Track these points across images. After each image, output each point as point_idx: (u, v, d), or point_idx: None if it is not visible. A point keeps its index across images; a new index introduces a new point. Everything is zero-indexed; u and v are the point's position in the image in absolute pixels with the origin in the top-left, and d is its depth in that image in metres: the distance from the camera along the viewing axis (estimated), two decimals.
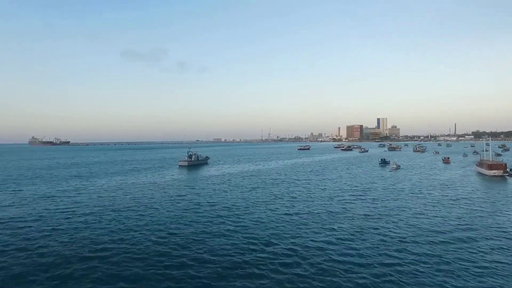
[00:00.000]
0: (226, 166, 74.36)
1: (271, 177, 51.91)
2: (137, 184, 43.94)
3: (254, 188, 39.83)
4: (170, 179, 50.17)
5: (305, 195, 34.45)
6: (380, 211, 26.50)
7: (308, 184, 42.57)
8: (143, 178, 51.09)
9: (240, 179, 48.94)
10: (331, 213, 25.71)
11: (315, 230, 20.95)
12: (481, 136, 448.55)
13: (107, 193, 36.93)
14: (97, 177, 53.06)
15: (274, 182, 45.41)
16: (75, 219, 24.45)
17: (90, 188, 40.68)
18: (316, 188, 38.98)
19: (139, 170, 66.26)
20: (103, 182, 46.49)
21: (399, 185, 41.25)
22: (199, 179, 49.94)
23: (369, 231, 20.80)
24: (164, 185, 42.88)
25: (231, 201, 31.31)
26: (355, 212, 26.07)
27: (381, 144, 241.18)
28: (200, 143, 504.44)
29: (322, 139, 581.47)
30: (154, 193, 36.21)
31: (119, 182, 46.27)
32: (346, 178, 48.91)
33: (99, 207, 28.94)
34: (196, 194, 35.68)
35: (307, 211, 26.56)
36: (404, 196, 33.61)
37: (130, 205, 29.67)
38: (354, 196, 33.65)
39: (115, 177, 53.50)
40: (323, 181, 46.01)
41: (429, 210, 26.80)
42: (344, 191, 36.81)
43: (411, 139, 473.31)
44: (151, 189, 39.67)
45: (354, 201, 30.61)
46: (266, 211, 26.73)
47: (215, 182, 45.45)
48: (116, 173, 60.19)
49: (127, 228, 21.87)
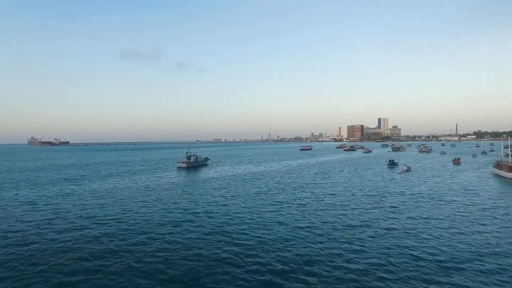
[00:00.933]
0: (226, 168, 70.77)
1: (274, 180, 48.30)
2: (130, 189, 40.36)
3: (257, 193, 36.21)
4: (166, 182, 46.57)
5: (315, 202, 30.80)
6: (403, 223, 22.87)
7: (316, 189, 38.93)
8: (137, 182, 47.50)
9: (241, 183, 45.33)
10: (349, 227, 22.04)
11: (334, 251, 17.34)
12: (483, 136, 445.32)
13: (93, 199, 33.34)
14: (88, 180, 49.48)
15: (279, 186, 41.79)
16: (46, 235, 20.84)
17: (76, 194, 37.10)
18: (325, 194, 35.34)
19: (134, 172, 62.68)
20: (92, 186, 42.91)
21: (415, 189, 37.62)
22: (197, 182, 46.35)
23: (398, 251, 17.19)
24: (159, 190, 39.30)
25: (232, 210, 27.69)
26: (375, 225, 22.42)
27: (383, 144, 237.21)
28: (200, 143, 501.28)
29: (323, 139, 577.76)
30: (147, 200, 32.61)
31: (110, 187, 42.69)
32: (356, 182, 45.27)
33: (81, 218, 25.34)
34: (193, 201, 32.05)
35: (320, 224, 22.94)
36: (426, 203, 29.96)
37: (117, 216, 26.06)
38: (369, 203, 30.00)
39: (107, 180, 49.92)
40: (331, 185, 42.36)
41: (461, 222, 23.15)
42: (357, 197, 33.18)
43: (412, 139, 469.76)
44: (144, 195, 36.08)
45: (371, 210, 26.95)
46: (272, 224, 23.11)
47: (214, 187, 41.85)
48: (109, 175, 56.61)
49: (107, 250, 18.25)
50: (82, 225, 23.05)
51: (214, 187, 41.24)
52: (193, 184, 44.74)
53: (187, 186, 42.83)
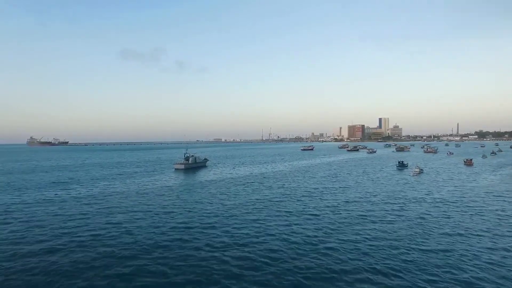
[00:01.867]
0: (226, 170, 66.92)
1: (278, 184, 44.47)
2: (119, 195, 36.53)
3: (260, 200, 32.38)
4: (161, 187, 42.75)
5: (327, 211, 26.97)
6: (439, 241, 19.05)
7: (327, 195, 35.09)
8: (129, 186, 43.67)
9: (242, 188, 41.50)
10: (377, 249, 18.20)
11: (360, 277, 13.54)
12: (485, 136, 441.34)
13: (77, 207, 29.53)
14: (76, 184, 45.65)
15: (284, 192, 37.96)
16: (18, 249, 17.03)
17: (58, 200, 33.28)
18: (338, 202, 31.47)
19: (128, 175, 58.84)
20: (79, 191, 39.10)
21: (436, 195, 33.81)
22: (194, 187, 42.52)
23: (444, 278, 13.41)
24: (152, 196, 35.49)
25: (232, 224, 23.83)
26: (406, 244, 18.59)
27: (386, 144, 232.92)
28: (200, 143, 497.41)
29: (324, 139, 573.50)
30: (136, 210, 28.78)
31: (99, 192, 38.88)
32: (368, 186, 41.43)
33: (59, 230, 21.56)
34: (189, 210, 28.22)
35: (338, 241, 19.12)
36: (454, 212, 26.15)
37: (96, 233, 22.25)
38: (391, 213, 26.15)
39: (97, 184, 46.08)
40: (342, 190, 38.50)
41: (503, 236, 19.36)
42: (374, 204, 29.36)
43: (413, 139, 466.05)
44: (135, 203, 32.25)
45: (397, 224, 23.10)
46: (282, 245, 19.28)
47: (213, 192, 38.04)
48: (100, 178, 52.75)
49: (77, 270, 14.46)
50: (53, 245, 19.20)
51: (213, 193, 37.43)
52: (190, 189, 40.91)
53: (183, 192, 39.00)
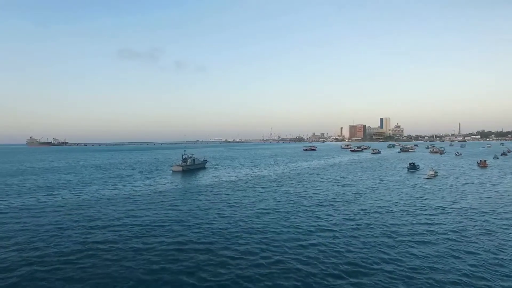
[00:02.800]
0: (226, 172, 63.17)
1: (282, 189, 40.71)
2: (106, 203, 32.82)
3: (264, 211, 28.59)
4: (154, 192, 39.05)
5: (345, 227, 23.07)
6: (490, 264, 15.31)
7: (338, 203, 31.25)
8: (120, 191, 39.99)
9: (243, 193, 37.76)
10: (413, 272, 14.46)
11: None
12: (488, 136, 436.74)
13: (54, 218, 25.80)
14: (63, 189, 41.96)
15: (289, 198, 34.21)
16: None
17: (39, 207, 29.62)
18: (353, 212, 27.67)
19: (122, 178, 55.13)
20: (64, 197, 35.43)
21: (464, 204, 30.00)
22: (191, 193, 38.78)
23: None
24: (143, 204, 31.78)
25: (231, 240, 20.11)
26: (454, 274, 14.85)
27: (390, 144, 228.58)
28: (200, 143, 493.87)
29: (325, 139, 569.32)
30: (122, 221, 25.05)
31: (85, 198, 35.19)
32: (383, 192, 37.63)
33: (24, 249, 17.85)
34: (182, 223, 24.46)
35: (367, 274, 15.38)
36: (495, 226, 22.37)
37: (69, 255, 18.56)
38: (419, 227, 22.31)
39: (86, 188, 42.39)
40: (355, 197, 34.66)
41: None
42: (396, 216, 25.54)
43: (415, 139, 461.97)
44: (122, 211, 28.54)
45: (431, 241, 19.29)
46: (293, 271, 15.54)
47: (211, 199, 34.30)
48: (91, 182, 49.03)
49: None
50: (17, 262, 15.49)
51: (211, 200, 33.68)
52: (186, 196, 37.17)
53: (178, 200, 35.27)
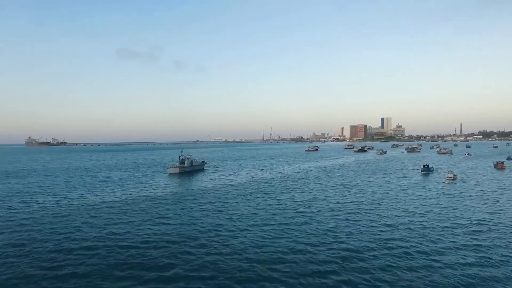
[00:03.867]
0: (226, 175, 59.03)
1: (287, 195, 36.58)
2: (89, 211, 28.72)
3: (270, 225, 24.46)
4: (145, 198, 34.94)
5: (368, 249, 18.90)
6: None
7: (355, 215, 27.03)
8: (107, 197, 35.88)
9: (244, 200, 33.64)
10: None
11: None
12: (490, 136, 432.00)
13: (23, 232, 21.71)
14: (45, 194, 37.86)
15: (297, 208, 30.08)
16: None
17: (9, 217, 25.52)
18: (373, 226, 23.52)
19: (113, 181, 51.00)
20: (43, 205, 31.37)
21: (505, 215, 25.86)
22: (185, 200, 34.67)
23: None
24: (130, 214, 27.71)
25: (230, 268, 15.98)
26: None
27: (393, 144, 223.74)
28: (200, 143, 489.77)
29: (325, 139, 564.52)
30: (100, 237, 20.95)
31: (65, 206, 31.08)
32: (403, 199, 33.43)
33: None
34: (168, 246, 20.30)
35: None
36: None
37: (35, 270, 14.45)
38: (466, 249, 18.23)
39: (71, 194, 38.29)
40: (373, 206, 30.38)
41: None
42: (432, 237, 21.24)
43: (417, 139, 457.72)
44: (102, 225, 24.44)
45: (498, 280, 15.17)
46: None
47: (208, 209, 30.17)
48: (78, 186, 44.89)
49: None
50: None
51: (207, 211, 29.56)
52: (180, 203, 33.05)
53: (170, 208, 31.16)
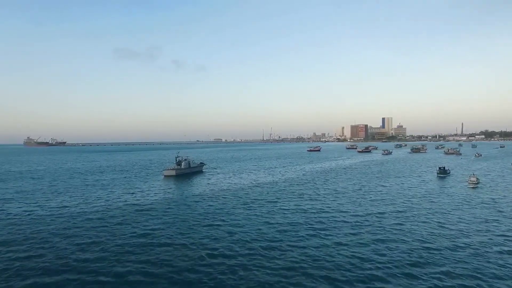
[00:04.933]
0: (226, 178, 54.84)
1: (294, 201, 32.43)
2: (66, 222, 24.56)
3: (275, 242, 20.30)
4: (134, 207, 30.76)
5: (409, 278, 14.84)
6: None
7: (376, 229, 22.87)
8: (91, 205, 31.70)
9: (246, 212, 29.42)
10: None
11: None
12: (492, 136, 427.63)
13: None
14: (20, 201, 33.62)
15: (307, 220, 25.90)
16: None
17: None
18: (402, 243, 19.33)
19: (103, 185, 46.80)
20: (13, 213, 27.19)
21: None
22: (179, 208, 30.49)
23: None
24: (112, 226, 23.54)
25: None
26: None
27: (397, 144, 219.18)
28: (200, 143, 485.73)
29: (326, 139, 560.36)
30: (76, 259, 16.78)
31: (39, 216, 26.88)
32: (428, 209, 29.24)
33: None
34: (152, 273, 16.15)
35: None
36: None
37: None
38: None
39: (51, 200, 34.14)
40: (396, 220, 26.14)
41: None
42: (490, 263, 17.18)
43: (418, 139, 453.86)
44: (80, 239, 20.26)
45: None
46: None
47: (203, 221, 25.99)
48: (61, 192, 40.60)
49: None
50: None
51: (203, 222, 25.39)
52: (171, 212, 28.88)
53: (160, 217, 27.01)
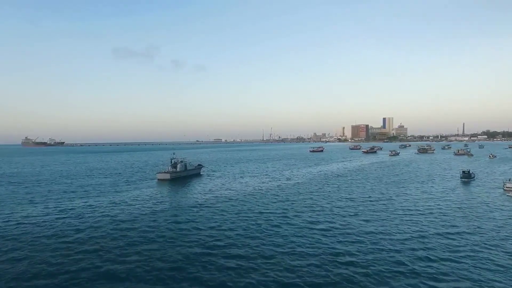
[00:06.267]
0: (225, 182, 49.73)
1: (308, 217, 27.34)
2: (34, 238, 19.46)
3: (287, 278, 15.25)
4: (114, 219, 25.63)
5: None
6: None
7: (420, 259, 17.84)
8: (69, 215, 26.59)
9: (248, 228, 24.35)
10: None
11: None
12: (495, 136, 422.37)
13: None
14: None
15: (329, 243, 20.84)
16: None
17: None
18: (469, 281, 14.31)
19: (87, 191, 41.67)
20: None
21: None
22: (169, 221, 25.36)
23: None
24: (85, 252, 18.47)
25: None
26: None
27: (402, 145, 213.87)
28: (200, 143, 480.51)
29: (326, 139, 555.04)
30: None
31: (3, 228, 21.85)
32: (469, 223, 24.23)
33: None
34: None
35: None
36: None
37: None
38: None
39: (22, 210, 29.03)
40: (437, 240, 21.22)
41: None
42: None
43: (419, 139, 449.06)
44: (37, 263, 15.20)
45: None
46: None
47: (195, 242, 20.86)
48: (40, 199, 35.47)
49: None
50: None
51: (195, 243, 20.25)
52: (159, 227, 23.77)
53: (145, 233, 21.91)
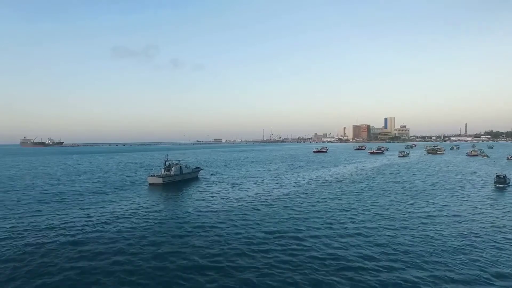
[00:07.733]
0: (225, 188, 43.94)
1: (325, 237, 21.63)
2: None
3: None
4: (87, 238, 19.93)
5: None
6: None
7: None
8: (38, 228, 20.89)
9: (252, 255, 18.64)
10: None
11: None
12: (498, 136, 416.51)
13: None
14: None
15: (360, 277, 15.09)
16: None
17: None
18: None
19: (67, 197, 35.93)
20: None
21: None
22: (155, 241, 19.59)
23: None
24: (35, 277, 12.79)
25: None
26: None
27: (407, 145, 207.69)
28: (200, 144, 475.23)
29: (328, 139, 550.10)
30: None
31: None
32: None
33: None
34: None
35: None
36: None
37: None
38: None
39: None
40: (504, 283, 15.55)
41: None
42: None
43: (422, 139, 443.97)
44: None
45: None
46: None
47: (189, 273, 15.14)
48: (8, 209, 29.87)
49: None
50: None
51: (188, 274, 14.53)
52: (144, 249, 17.99)
53: (128, 255, 16.14)
